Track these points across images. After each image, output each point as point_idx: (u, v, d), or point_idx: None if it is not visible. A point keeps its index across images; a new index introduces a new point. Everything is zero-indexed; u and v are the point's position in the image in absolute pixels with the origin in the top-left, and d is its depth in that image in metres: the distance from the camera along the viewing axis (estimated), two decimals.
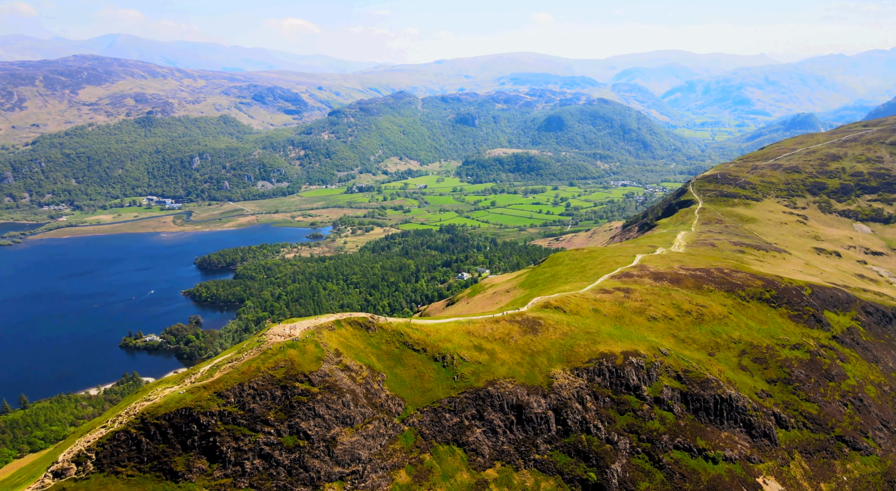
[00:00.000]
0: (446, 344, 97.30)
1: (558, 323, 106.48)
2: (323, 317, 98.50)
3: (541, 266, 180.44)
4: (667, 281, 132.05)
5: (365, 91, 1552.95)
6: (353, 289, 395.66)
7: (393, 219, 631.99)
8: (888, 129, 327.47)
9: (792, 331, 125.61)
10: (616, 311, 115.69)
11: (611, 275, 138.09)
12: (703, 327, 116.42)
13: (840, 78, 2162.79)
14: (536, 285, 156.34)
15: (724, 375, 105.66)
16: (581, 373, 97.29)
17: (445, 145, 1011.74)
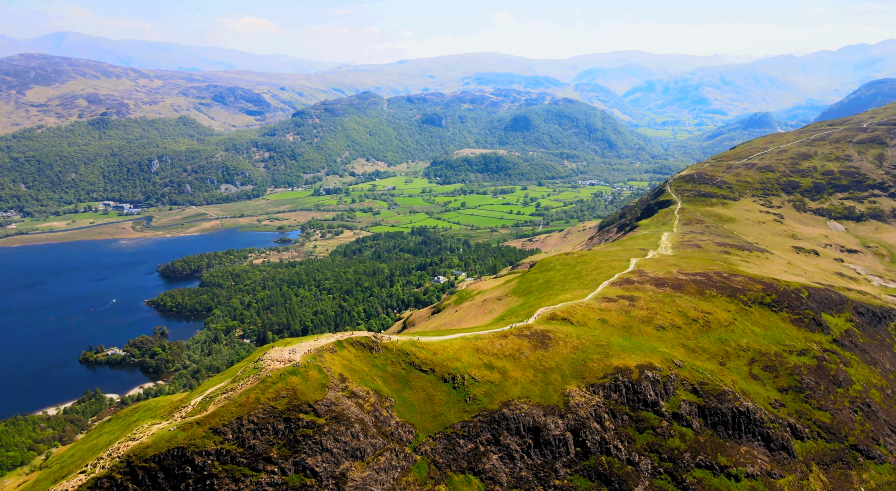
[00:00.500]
0: (455, 363, 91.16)
1: (568, 336, 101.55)
2: (323, 337, 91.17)
3: (531, 272, 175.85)
4: (669, 287, 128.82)
5: (328, 91, 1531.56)
6: (327, 295, 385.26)
7: (363, 221, 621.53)
8: (853, 128, 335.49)
9: (795, 336, 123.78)
10: (623, 320, 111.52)
11: (610, 282, 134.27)
12: (711, 335, 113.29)
13: (791, 78, 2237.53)
14: (531, 292, 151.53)
15: (738, 385, 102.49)
16: (597, 389, 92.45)
17: (412, 146, 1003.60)
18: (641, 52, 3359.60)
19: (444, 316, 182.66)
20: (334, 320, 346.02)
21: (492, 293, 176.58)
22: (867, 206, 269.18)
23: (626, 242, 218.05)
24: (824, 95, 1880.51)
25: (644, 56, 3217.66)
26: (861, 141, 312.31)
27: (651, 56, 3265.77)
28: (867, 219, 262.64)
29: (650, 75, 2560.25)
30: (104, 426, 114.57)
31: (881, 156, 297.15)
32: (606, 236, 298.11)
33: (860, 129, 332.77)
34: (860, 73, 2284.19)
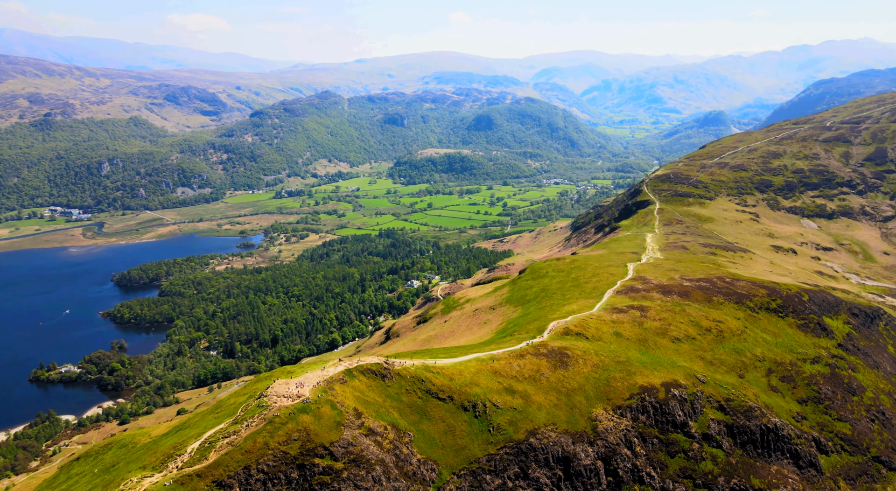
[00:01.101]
0: (474, 389, 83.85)
1: (586, 353, 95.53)
2: (330, 365, 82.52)
3: (523, 278, 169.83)
4: (676, 295, 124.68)
5: (286, 91, 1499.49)
6: (296, 302, 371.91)
7: (328, 224, 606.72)
8: (818, 126, 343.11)
9: (804, 342, 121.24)
10: (638, 333, 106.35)
11: (615, 290, 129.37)
12: (726, 346, 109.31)
13: (740, 78, 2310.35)
14: (528, 302, 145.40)
15: (760, 399, 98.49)
16: (624, 412, 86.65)
17: (375, 146, 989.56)
18: (597, 52, 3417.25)
19: (432, 326, 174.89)
20: (305, 329, 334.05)
21: (483, 302, 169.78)
22: (837, 204, 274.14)
23: (612, 245, 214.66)
24: (772, 94, 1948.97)
25: (599, 56, 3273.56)
26: (827, 139, 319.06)
27: (606, 56, 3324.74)
28: (838, 216, 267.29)
29: (606, 75, 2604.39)
30: (72, 467, 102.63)
31: (847, 154, 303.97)
32: (584, 238, 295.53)
33: (824, 127, 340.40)
34: (803, 72, 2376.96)
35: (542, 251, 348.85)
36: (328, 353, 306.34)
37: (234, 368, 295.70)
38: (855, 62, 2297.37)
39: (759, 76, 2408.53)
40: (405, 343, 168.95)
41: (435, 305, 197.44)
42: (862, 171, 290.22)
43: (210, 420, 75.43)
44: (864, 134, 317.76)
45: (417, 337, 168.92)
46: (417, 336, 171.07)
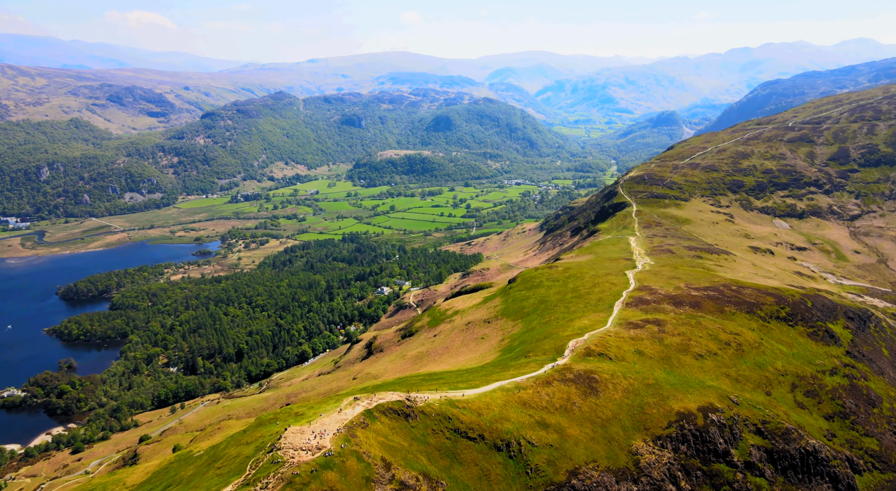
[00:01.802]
0: (505, 425, 75.52)
1: (613, 375, 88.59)
2: (345, 405, 72.51)
3: (515, 289, 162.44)
4: (688, 306, 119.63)
5: (237, 91, 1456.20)
6: (261, 313, 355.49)
7: (288, 229, 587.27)
8: (781, 127, 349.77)
9: (817, 351, 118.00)
10: (660, 351, 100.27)
11: (623, 302, 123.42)
12: (747, 360, 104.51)
13: (687, 78, 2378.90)
14: (527, 315, 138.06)
15: (791, 417, 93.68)
16: (665, 442, 79.95)
17: (332, 148, 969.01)
18: (549, 53, 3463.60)
19: (420, 341, 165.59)
20: (272, 341, 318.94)
21: (474, 314, 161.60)
22: (806, 204, 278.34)
23: (597, 250, 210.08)
24: (717, 95, 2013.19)
25: (551, 56, 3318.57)
26: (791, 139, 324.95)
27: (558, 56, 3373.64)
28: (808, 216, 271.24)
29: (559, 75, 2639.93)
30: None
31: (812, 154, 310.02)
32: (561, 241, 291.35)
33: (787, 127, 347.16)
34: (746, 74, 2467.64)
35: (515, 255, 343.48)
36: (298, 366, 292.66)
37: (197, 386, 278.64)
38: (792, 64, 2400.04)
39: (705, 77, 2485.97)
40: (393, 360, 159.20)
41: (420, 316, 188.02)
42: (827, 171, 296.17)
43: (212, 479, 64.48)
44: (826, 134, 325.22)
45: (406, 353, 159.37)
46: (406, 352, 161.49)
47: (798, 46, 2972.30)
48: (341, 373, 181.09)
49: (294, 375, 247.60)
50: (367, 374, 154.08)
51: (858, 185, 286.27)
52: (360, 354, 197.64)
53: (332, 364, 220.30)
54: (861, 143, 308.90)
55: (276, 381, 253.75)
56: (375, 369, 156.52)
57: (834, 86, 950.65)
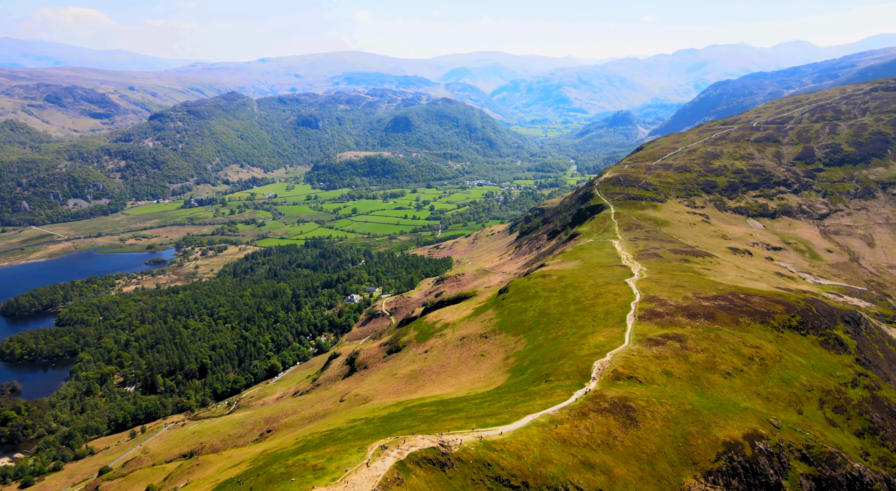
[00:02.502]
0: (548, 468, 67.46)
1: (649, 402, 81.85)
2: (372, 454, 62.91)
3: (510, 300, 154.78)
4: (702, 318, 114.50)
5: (186, 91, 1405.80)
6: (223, 324, 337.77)
7: (247, 235, 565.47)
8: (746, 127, 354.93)
9: (832, 361, 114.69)
10: (687, 371, 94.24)
11: (634, 314, 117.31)
12: (772, 376, 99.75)
13: (637, 79, 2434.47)
14: (530, 329, 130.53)
15: (827, 437, 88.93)
16: (716, 478, 73.48)
17: (289, 150, 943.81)
18: (503, 53, 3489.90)
19: (410, 358, 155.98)
20: (237, 355, 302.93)
21: (467, 328, 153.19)
22: (777, 203, 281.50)
23: (583, 255, 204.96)
24: (667, 95, 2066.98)
25: (505, 57, 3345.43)
26: (758, 139, 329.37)
27: (511, 57, 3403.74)
28: (780, 215, 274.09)
29: (514, 75, 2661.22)
30: None
31: (778, 153, 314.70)
32: (538, 244, 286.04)
33: (752, 128, 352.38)
34: (693, 74, 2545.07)
35: (488, 258, 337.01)
36: (268, 381, 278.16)
37: (158, 406, 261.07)
38: (735, 65, 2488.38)
39: (654, 77, 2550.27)
40: (382, 379, 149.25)
41: (405, 330, 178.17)
42: (795, 170, 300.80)
43: None
44: (790, 134, 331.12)
45: (396, 371, 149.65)
46: (395, 370, 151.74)
47: (740, 48, 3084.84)
48: (324, 392, 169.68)
49: (266, 393, 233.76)
50: (356, 395, 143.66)
51: (825, 184, 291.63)
52: (341, 371, 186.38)
53: (309, 381, 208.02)
54: (824, 143, 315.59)
55: (247, 399, 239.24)
56: (364, 390, 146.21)
57: (780, 86, 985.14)
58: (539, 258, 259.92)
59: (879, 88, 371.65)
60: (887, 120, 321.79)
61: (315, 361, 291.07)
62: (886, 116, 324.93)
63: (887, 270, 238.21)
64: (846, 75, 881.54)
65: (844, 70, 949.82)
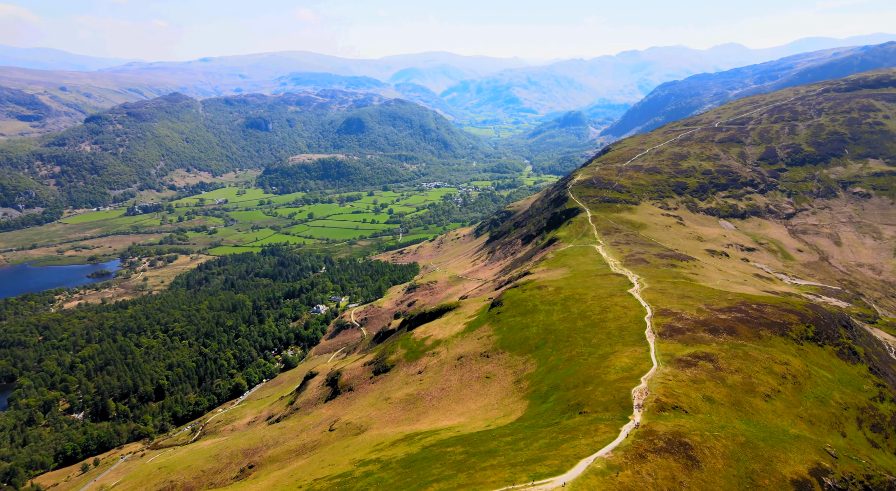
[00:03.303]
0: None
1: (703, 437, 74.88)
2: None
3: (506, 314, 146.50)
4: (724, 333, 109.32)
5: (124, 92, 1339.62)
6: (180, 341, 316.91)
7: (198, 243, 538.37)
8: (708, 128, 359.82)
9: (852, 373, 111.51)
10: (727, 395, 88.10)
11: (652, 331, 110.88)
12: (807, 394, 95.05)
13: (584, 79, 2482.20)
14: (537, 348, 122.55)
15: (875, 461, 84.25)
16: None
17: (238, 153, 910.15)
18: (450, 54, 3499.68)
19: (402, 379, 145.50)
20: (197, 373, 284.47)
21: (462, 345, 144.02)
22: (746, 204, 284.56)
23: (568, 262, 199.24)
24: (612, 95, 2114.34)
25: (453, 57, 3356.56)
26: (722, 140, 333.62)
27: (460, 57, 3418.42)
28: (749, 216, 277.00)
29: (463, 76, 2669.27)
30: None
31: (743, 154, 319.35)
32: (513, 249, 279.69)
33: (715, 128, 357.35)
34: (636, 75, 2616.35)
35: (460, 264, 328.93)
36: (234, 402, 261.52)
37: (111, 435, 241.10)
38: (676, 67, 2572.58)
39: (600, 78, 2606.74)
40: (374, 404, 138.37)
41: (391, 347, 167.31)
42: (760, 171, 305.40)
43: None
44: (752, 135, 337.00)
45: (389, 395, 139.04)
46: (388, 393, 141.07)
47: (679, 50, 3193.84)
48: (306, 419, 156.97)
49: (235, 417, 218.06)
50: (348, 423, 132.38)
51: (789, 184, 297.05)
52: (322, 393, 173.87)
53: (284, 404, 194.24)
54: (785, 143, 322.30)
55: (214, 423, 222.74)
56: (355, 417, 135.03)
57: (724, 87, 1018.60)
58: (516, 264, 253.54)
59: (831, 89, 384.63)
60: (842, 120, 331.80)
61: (283, 377, 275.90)
62: (841, 117, 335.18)
63: (856, 268, 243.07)
64: (785, 76, 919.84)
65: (783, 71, 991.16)
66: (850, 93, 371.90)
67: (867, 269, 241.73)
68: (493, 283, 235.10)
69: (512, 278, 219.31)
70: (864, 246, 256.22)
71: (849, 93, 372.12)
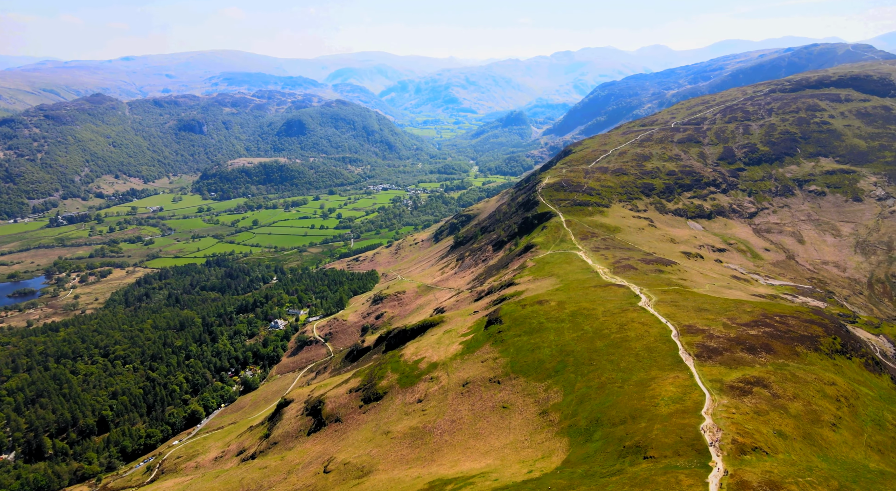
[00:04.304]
0: None
1: (801, 487, 66.87)
2: None
3: (508, 333, 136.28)
4: (763, 351, 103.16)
5: (37, 93, 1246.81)
6: (124, 366, 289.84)
7: (134, 255, 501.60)
8: (665, 128, 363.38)
9: (883, 386, 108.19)
10: (795, 427, 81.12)
11: (688, 352, 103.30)
12: (863, 419, 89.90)
13: (521, 79, 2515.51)
14: (557, 372, 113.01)
15: None
16: None
17: (171, 157, 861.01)
18: (386, 54, 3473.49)
19: (398, 408, 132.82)
20: (145, 401, 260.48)
21: (464, 369, 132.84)
22: (711, 204, 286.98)
23: (554, 270, 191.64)
24: (549, 95, 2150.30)
25: (389, 57, 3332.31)
26: (681, 140, 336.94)
27: (396, 57, 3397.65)
28: (715, 216, 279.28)
29: (400, 76, 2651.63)
30: None
31: (702, 154, 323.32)
32: (483, 256, 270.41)
33: (672, 128, 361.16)
34: (571, 75, 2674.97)
35: (427, 272, 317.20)
36: (191, 432, 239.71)
37: (50, 477, 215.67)
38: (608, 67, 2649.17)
39: (536, 78, 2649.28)
40: (373, 440, 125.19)
41: (379, 370, 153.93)
42: (720, 170, 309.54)
43: None
44: (709, 134, 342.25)
45: (388, 428, 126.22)
46: (386, 426, 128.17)
47: (609, 51, 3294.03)
48: (290, 456, 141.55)
49: (197, 451, 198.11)
50: (346, 464, 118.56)
51: (748, 184, 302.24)
52: (303, 425, 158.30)
53: (257, 436, 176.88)
54: (741, 143, 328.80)
55: (172, 460, 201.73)
56: (353, 456, 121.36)
57: (660, 88, 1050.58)
58: (491, 272, 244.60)
59: (777, 90, 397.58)
60: (792, 120, 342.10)
61: (244, 401, 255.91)
62: (790, 117, 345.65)
63: (822, 266, 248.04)
64: (718, 77, 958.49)
65: (714, 72, 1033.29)
66: (795, 93, 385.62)
67: (832, 266, 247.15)
68: (471, 293, 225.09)
69: (493, 288, 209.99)
70: (826, 244, 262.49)
71: (794, 93, 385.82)
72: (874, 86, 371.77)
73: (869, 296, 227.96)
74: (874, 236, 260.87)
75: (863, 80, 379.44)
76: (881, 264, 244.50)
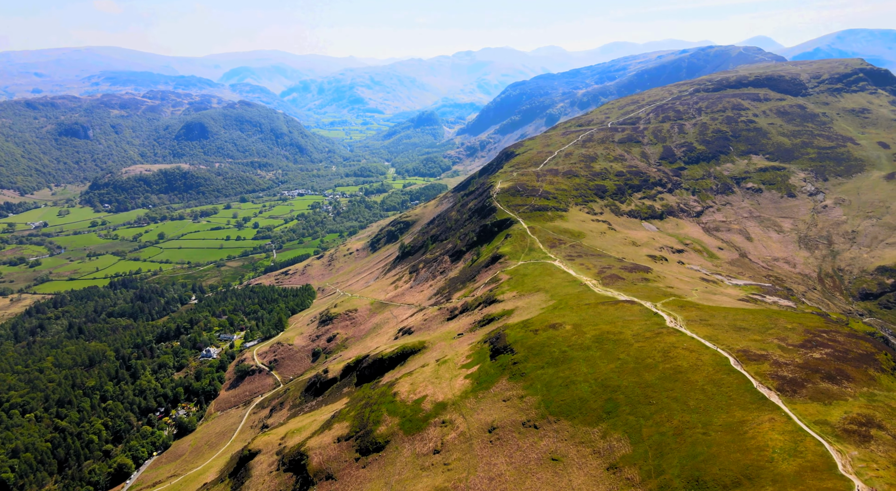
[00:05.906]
0: None
1: None
2: None
3: (526, 364, 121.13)
4: (843, 379, 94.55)
5: None
6: (23, 416, 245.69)
7: (18, 279, 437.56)
8: (603, 128, 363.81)
9: None
10: None
11: (765, 385, 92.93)
12: None
13: (425, 79, 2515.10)
14: (609, 414, 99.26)
15: None
16: None
17: (52, 166, 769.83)
18: (284, 53, 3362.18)
19: (408, 462, 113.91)
20: (55, 456, 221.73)
21: (484, 411, 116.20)
22: (660, 204, 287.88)
23: (536, 283, 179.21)
24: (455, 94, 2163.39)
25: (287, 56, 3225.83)
26: (622, 140, 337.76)
27: (294, 57, 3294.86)
28: (666, 216, 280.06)
29: (300, 76, 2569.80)
30: None
31: (644, 154, 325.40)
32: (441, 268, 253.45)
33: (610, 129, 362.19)
34: (474, 75, 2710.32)
35: (368, 286, 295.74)
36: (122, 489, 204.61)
37: None
38: (509, 67, 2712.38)
39: (440, 78, 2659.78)
40: None
41: (371, 413, 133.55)
42: (664, 170, 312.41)
43: None
44: (647, 134, 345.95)
45: (405, 489, 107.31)
46: (401, 486, 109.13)
47: (508, 51, 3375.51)
48: None
49: None
50: None
51: (691, 183, 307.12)
52: (281, 484, 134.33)
53: None
54: (679, 142, 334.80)
55: None
56: None
57: (569, 87, 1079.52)
58: (455, 286, 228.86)
59: (701, 89, 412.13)
60: (721, 119, 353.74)
61: (183, 447, 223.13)
62: (719, 116, 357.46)
63: (773, 263, 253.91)
64: (623, 77, 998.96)
65: (618, 72, 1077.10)
66: (718, 93, 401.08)
67: (783, 262, 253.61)
68: (440, 311, 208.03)
69: (468, 305, 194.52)
70: (771, 240, 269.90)
71: (717, 93, 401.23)
72: (787, 85, 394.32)
73: (822, 291, 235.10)
74: (813, 231, 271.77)
75: (776, 80, 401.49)
76: (826, 259, 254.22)
